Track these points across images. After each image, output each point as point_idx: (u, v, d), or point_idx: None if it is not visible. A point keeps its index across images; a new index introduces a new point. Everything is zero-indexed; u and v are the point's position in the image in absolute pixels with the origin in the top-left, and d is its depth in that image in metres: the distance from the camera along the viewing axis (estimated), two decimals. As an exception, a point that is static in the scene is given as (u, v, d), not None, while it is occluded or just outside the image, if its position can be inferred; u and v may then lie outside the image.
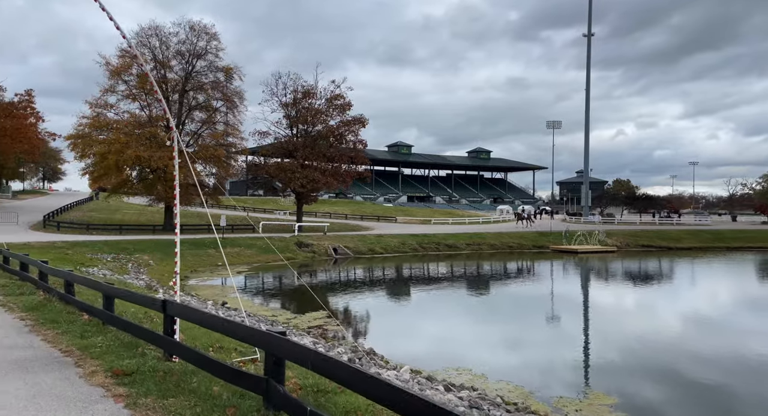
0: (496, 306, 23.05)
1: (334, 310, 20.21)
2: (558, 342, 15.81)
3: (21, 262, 12.50)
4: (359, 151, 45.57)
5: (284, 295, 23.43)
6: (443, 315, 20.35)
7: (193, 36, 40.26)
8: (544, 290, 27.36)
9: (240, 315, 14.09)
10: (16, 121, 43.30)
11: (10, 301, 9.44)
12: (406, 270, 34.41)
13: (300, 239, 38.87)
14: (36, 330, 7.41)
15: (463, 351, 14.58)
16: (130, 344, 6.71)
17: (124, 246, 30.56)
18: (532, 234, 47.55)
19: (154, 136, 38.17)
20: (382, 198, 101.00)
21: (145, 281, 22.72)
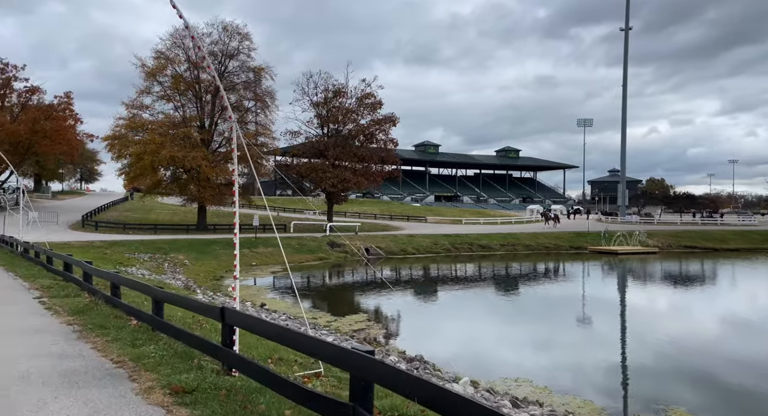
0: (540, 309, 22.02)
1: (372, 312, 19.59)
2: (616, 350, 14.79)
3: (65, 262, 12.26)
4: (390, 151, 44.94)
5: (320, 296, 22.94)
6: (485, 318, 19.49)
7: (226, 36, 40.35)
8: (591, 293, 26.14)
9: (299, 324, 13.52)
10: (56, 122, 44.23)
11: (56, 304, 9.10)
12: (440, 271, 33.58)
13: (332, 239, 38.46)
14: (84, 337, 6.96)
15: (515, 358, 13.74)
16: (184, 354, 6.17)
17: (160, 245, 30.66)
18: (569, 234, 46.01)
19: (188, 137, 38.37)
20: (409, 197, 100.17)
21: (182, 281, 22.56)
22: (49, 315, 8.28)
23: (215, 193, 39.79)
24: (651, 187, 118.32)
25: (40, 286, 11.03)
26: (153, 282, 17.90)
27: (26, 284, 11.47)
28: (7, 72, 43.87)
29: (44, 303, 9.22)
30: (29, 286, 11.19)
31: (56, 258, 13.35)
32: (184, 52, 39.81)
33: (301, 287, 26.17)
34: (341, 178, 41.77)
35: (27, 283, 11.58)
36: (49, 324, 7.64)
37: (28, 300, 9.57)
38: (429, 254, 39.16)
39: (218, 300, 17.45)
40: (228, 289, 23.22)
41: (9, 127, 41.49)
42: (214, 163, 38.97)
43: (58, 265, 13.30)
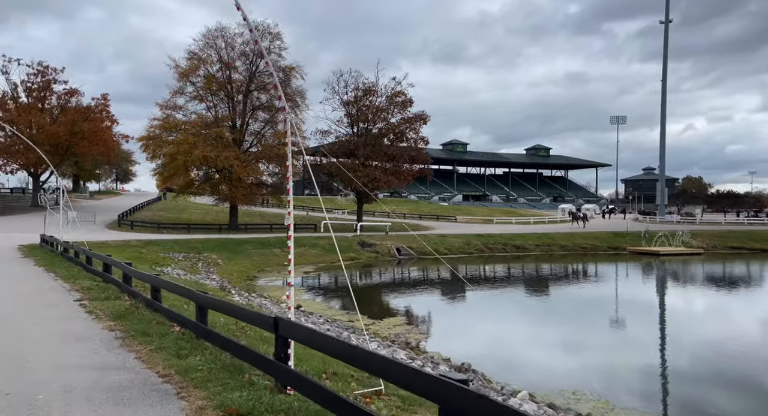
0: (582, 312, 20.96)
1: (409, 314, 18.98)
2: (674, 357, 13.75)
3: (104, 263, 12.07)
4: (420, 149, 44.23)
5: (349, 295, 22.42)
6: (525, 321, 18.63)
7: (257, 36, 40.34)
8: (636, 296, 24.85)
9: (339, 328, 12.98)
10: (93, 124, 45.17)
11: (97, 307, 8.81)
12: (475, 271, 32.70)
13: (362, 239, 38.03)
14: (127, 345, 6.58)
15: (564, 366, 12.91)
16: (232, 367, 5.69)
17: (194, 245, 30.77)
18: (606, 234, 44.38)
19: (220, 137, 38.52)
20: (437, 197, 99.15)
21: (217, 281, 22.41)
22: (90, 320, 7.97)
23: (247, 193, 39.88)
24: (688, 185, 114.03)
25: (81, 288, 10.83)
26: (189, 282, 17.74)
27: (66, 285, 11.32)
28: (47, 75, 45.03)
29: (85, 307, 8.94)
30: (69, 288, 11.01)
31: (95, 259, 13.21)
32: (216, 52, 40.00)
33: (333, 287, 25.77)
34: (371, 177, 41.28)
35: (67, 285, 11.42)
36: (90, 330, 7.31)
37: (69, 303, 9.33)
38: (461, 254, 38.29)
39: (255, 302, 17.14)
40: (258, 287, 22.98)
41: (49, 128, 42.56)
42: (245, 162, 39.05)
43: (98, 266, 13.16)
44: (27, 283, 11.85)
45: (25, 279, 12.67)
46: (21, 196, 51.04)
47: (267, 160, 41.36)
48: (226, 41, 40.05)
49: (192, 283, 17.70)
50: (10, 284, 11.72)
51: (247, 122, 41.62)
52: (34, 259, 16.76)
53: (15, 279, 12.60)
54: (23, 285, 11.44)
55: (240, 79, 40.94)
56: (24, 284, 11.72)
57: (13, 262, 16.35)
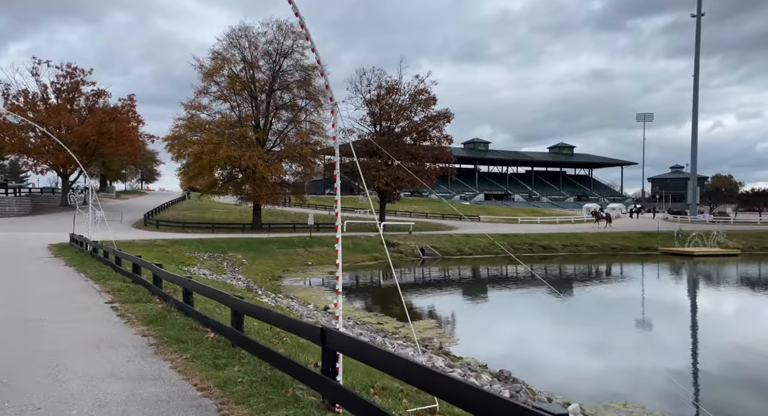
0: (618, 316, 20.06)
1: (438, 316, 18.46)
2: (730, 369, 12.92)
3: (134, 264, 11.88)
4: (444, 148, 43.57)
5: (382, 299, 22.00)
6: (558, 325, 17.89)
7: (281, 35, 40.22)
8: (678, 299, 23.84)
9: (372, 333, 12.50)
10: (120, 124, 45.73)
11: (129, 311, 8.55)
12: (501, 272, 31.95)
13: (386, 238, 37.57)
14: (162, 352, 6.24)
15: (607, 375, 12.24)
16: (273, 380, 5.29)
17: (218, 244, 30.76)
18: (636, 234, 43.06)
19: (244, 136, 38.55)
20: (458, 196, 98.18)
21: (243, 281, 22.24)
22: (122, 324, 7.69)
23: (270, 192, 39.86)
24: (718, 184, 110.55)
25: (111, 289, 10.64)
26: (216, 283, 17.55)
27: (97, 286, 11.14)
28: (76, 76, 45.76)
29: (116, 310, 8.70)
30: (100, 289, 10.83)
31: (125, 259, 13.05)
32: (240, 51, 40.04)
33: (358, 288, 25.39)
34: (394, 176, 40.80)
35: (98, 286, 11.26)
36: (123, 335, 7.01)
37: (100, 306, 9.10)
38: (486, 255, 37.55)
39: (283, 303, 16.84)
40: (284, 287, 22.74)
41: (78, 129, 43.22)
42: (269, 162, 39.00)
43: (127, 266, 13.02)
44: (58, 284, 11.73)
45: (55, 279, 12.58)
46: (51, 196, 52.09)
47: (290, 160, 41.28)
48: (250, 41, 40.06)
49: (219, 284, 17.52)
50: (42, 285, 11.61)
51: (270, 122, 41.59)
52: (64, 259, 16.78)
53: (46, 279, 12.52)
54: (54, 286, 11.31)
55: (263, 78, 40.93)
56: (55, 285, 11.60)
57: (44, 262, 16.38)
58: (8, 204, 41.51)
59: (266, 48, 40.56)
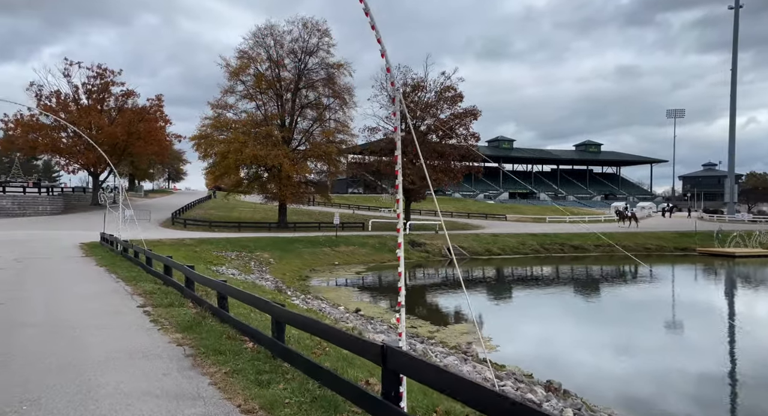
0: (665, 320, 18.97)
1: (473, 320, 17.72)
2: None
3: (165, 265, 11.54)
4: (471, 146, 42.66)
5: (413, 301, 21.37)
6: (600, 329, 17.01)
7: (306, 33, 39.93)
8: (726, 305, 22.54)
9: (423, 343, 11.84)
10: (148, 124, 46.17)
11: (162, 316, 8.14)
12: (532, 272, 30.95)
13: (412, 238, 36.94)
14: (199, 365, 5.76)
15: (660, 384, 11.39)
16: (324, 401, 4.73)
17: (245, 243, 30.61)
18: (672, 234, 41.42)
19: (270, 135, 38.40)
20: (482, 195, 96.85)
21: (271, 281, 21.90)
22: (156, 331, 7.27)
23: (296, 191, 39.65)
24: (753, 182, 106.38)
25: (143, 292, 10.29)
26: (246, 284, 17.21)
27: (128, 288, 10.83)
28: (106, 77, 46.38)
29: (149, 314, 8.30)
30: (132, 291, 10.50)
31: (156, 260, 12.75)
32: (265, 50, 39.90)
33: (387, 289, 24.83)
34: (420, 175, 40.10)
35: (129, 287, 10.94)
36: (157, 344, 6.57)
37: (132, 309, 8.73)
38: (516, 255, 36.56)
39: (313, 305, 16.38)
40: (312, 288, 22.33)
41: (107, 129, 43.78)
42: (294, 161, 38.77)
43: (158, 267, 12.73)
44: (89, 285, 11.47)
45: (87, 280, 12.35)
46: (82, 195, 53.06)
47: (315, 158, 40.98)
48: (275, 39, 39.88)
49: (249, 285, 17.18)
50: (73, 286, 11.36)
51: (295, 120, 41.37)
52: (95, 259, 16.66)
53: (77, 280, 12.30)
54: (85, 288, 11.04)
55: (288, 77, 40.72)
56: (86, 286, 11.34)
57: (76, 261, 16.28)
58: (41, 203, 42.31)
59: (291, 46, 40.33)
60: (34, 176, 77.96)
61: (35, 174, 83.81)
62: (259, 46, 39.97)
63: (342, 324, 11.35)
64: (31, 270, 13.65)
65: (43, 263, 15.53)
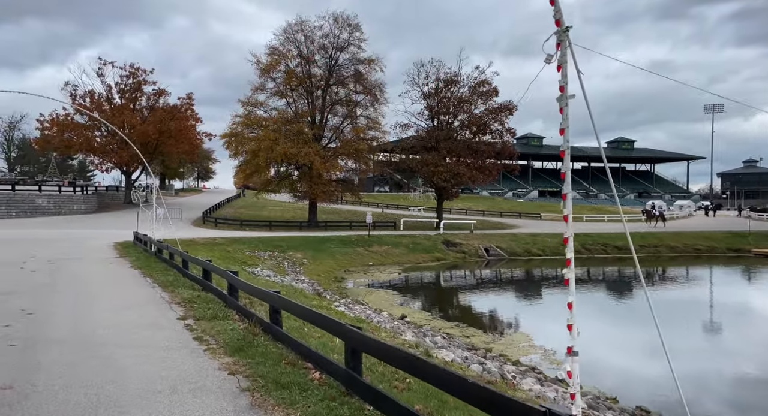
0: (738, 328, 17.12)
1: (530, 328, 16.19)
2: None
3: (204, 269, 10.46)
4: (507, 142, 40.88)
5: (462, 307, 19.96)
6: (685, 339, 15.24)
7: (336, 28, 38.85)
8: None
9: (489, 360, 10.26)
10: (179, 123, 45.90)
11: (206, 331, 6.99)
12: (579, 275, 29.05)
13: (446, 237, 35.49)
14: (260, 404, 4.55)
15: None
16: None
17: (277, 243, 29.73)
18: (722, 234, 38.84)
19: (301, 132, 37.46)
20: (511, 193, 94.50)
21: (307, 283, 20.82)
22: (201, 352, 6.10)
23: (326, 190, 38.65)
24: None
25: (182, 300, 9.21)
26: (286, 288, 16.11)
27: (166, 296, 9.77)
28: (138, 76, 46.28)
29: (191, 329, 7.17)
30: (169, 299, 9.44)
31: (192, 262, 11.71)
32: (296, 46, 38.98)
33: (428, 292, 23.46)
34: (454, 172, 38.58)
35: (167, 294, 9.89)
36: (205, 372, 5.39)
37: (172, 322, 7.62)
38: (556, 256, 34.66)
39: (356, 311, 15.14)
40: (349, 291, 21.16)
41: (139, 128, 43.63)
42: (325, 158, 37.76)
43: (194, 269, 11.71)
44: (123, 291, 10.49)
45: (121, 284, 11.39)
46: (115, 194, 53.31)
47: (346, 156, 39.88)
48: (306, 35, 38.91)
49: (290, 290, 16.07)
50: (106, 292, 10.39)
51: (325, 117, 40.36)
52: (129, 260, 15.82)
53: (111, 285, 11.34)
54: (119, 294, 10.04)
55: (319, 73, 39.72)
56: (120, 292, 10.35)
57: (110, 263, 15.44)
58: (76, 201, 42.42)
59: (322, 42, 39.30)
60: (69, 175, 79.33)
61: (70, 173, 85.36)
62: (290, 42, 39.08)
63: (399, 339, 10.05)
64: (64, 273, 12.81)
65: (77, 265, 14.73)
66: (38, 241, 22.70)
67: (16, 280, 11.63)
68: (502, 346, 13.43)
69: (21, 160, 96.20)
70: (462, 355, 9.89)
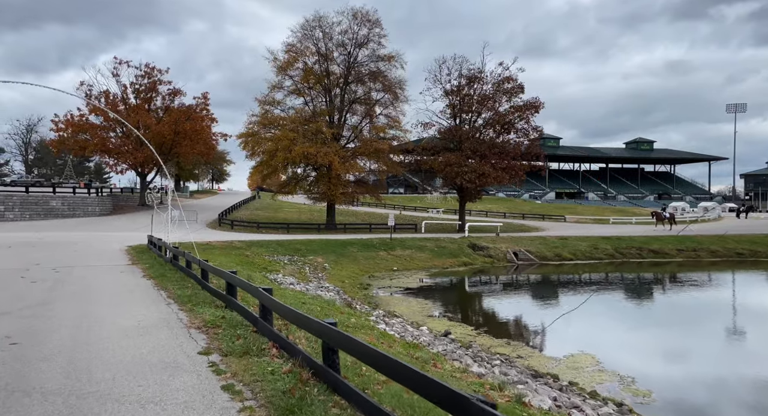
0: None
1: (592, 348, 14.22)
2: None
3: (227, 283, 8.72)
4: (534, 141, 38.84)
5: (499, 316, 18.03)
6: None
7: (355, 24, 37.22)
8: None
9: (561, 390, 8.29)
10: (195, 123, 44.57)
11: (238, 375, 5.21)
12: (623, 281, 26.82)
13: (472, 241, 33.54)
14: None
15: None
16: None
17: (296, 246, 28.03)
18: (766, 238, 36.40)
19: (320, 132, 35.83)
20: (527, 194, 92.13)
21: (333, 291, 19.03)
22: (235, 414, 4.31)
23: (346, 191, 36.97)
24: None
25: (203, 324, 7.46)
26: (313, 300, 14.34)
27: (184, 317, 8.02)
28: (153, 76, 45.04)
29: (218, 371, 5.39)
30: (188, 322, 7.69)
31: (214, 274, 9.97)
32: (314, 43, 37.39)
33: (463, 301, 21.56)
34: (480, 173, 36.62)
35: (184, 315, 8.15)
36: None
37: (194, 360, 5.85)
38: (589, 260, 32.58)
39: (394, 325, 13.30)
40: (380, 300, 19.35)
41: (155, 128, 42.34)
42: (344, 158, 36.09)
43: (214, 279, 9.98)
44: (133, 309, 8.76)
45: (131, 300, 9.68)
46: (130, 196, 52.16)
47: (366, 156, 38.15)
48: (324, 31, 37.33)
49: (321, 304, 14.28)
50: (113, 311, 8.66)
51: (344, 116, 38.69)
52: (141, 268, 14.18)
53: (119, 301, 9.64)
54: (128, 314, 8.31)
55: (338, 71, 38.09)
56: (129, 311, 8.62)
57: (120, 271, 13.80)
58: (90, 203, 41.21)
59: (340, 38, 37.71)
60: (85, 177, 78.69)
61: (86, 175, 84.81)
62: (308, 39, 37.52)
63: (471, 376, 8.16)
64: (68, 285, 11.15)
65: (83, 274, 13.11)
66: (48, 245, 21.24)
67: (12, 294, 10.00)
68: (567, 371, 11.50)
69: (38, 162, 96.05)
70: (551, 395, 7.97)
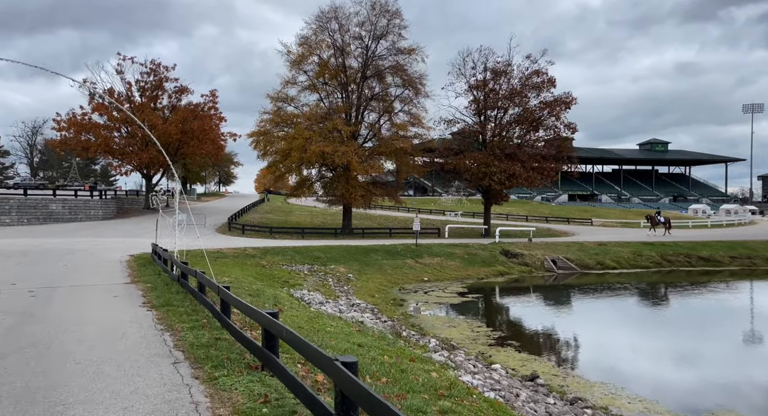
0: None
1: (664, 384, 11.15)
2: None
3: (265, 330, 5.66)
4: (567, 139, 35.79)
5: (576, 344, 14.88)
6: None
7: (374, 15, 34.21)
8: None
9: None
10: (202, 122, 41.76)
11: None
12: (685, 294, 23.53)
13: (504, 247, 30.48)
14: None
15: None
16: None
17: (315, 254, 25.06)
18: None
19: (337, 130, 32.87)
20: (539, 197, 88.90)
21: (370, 312, 15.95)
22: None
23: (365, 193, 33.94)
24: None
25: (235, 411, 4.41)
26: (375, 343, 11.25)
27: (203, 400, 4.88)
28: (159, 73, 42.26)
29: None
30: (209, 403, 4.63)
31: (239, 309, 6.88)
32: (329, 35, 34.46)
33: (521, 322, 18.48)
34: (509, 173, 33.58)
35: (203, 387, 5.06)
36: None
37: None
38: (634, 269, 29.48)
39: (460, 362, 10.22)
40: (420, 320, 16.32)
41: (161, 127, 39.51)
42: (362, 158, 33.11)
43: (242, 314, 6.93)
44: (121, 382, 5.68)
45: (120, 360, 6.60)
46: (135, 199, 49.29)
47: (386, 156, 35.14)
48: (340, 23, 34.37)
49: (368, 339, 11.25)
50: (90, 386, 5.59)
51: (362, 114, 35.71)
52: (142, 289, 11.18)
53: (103, 359, 6.55)
54: (114, 392, 5.23)
55: (355, 65, 35.15)
56: (116, 384, 5.55)
57: (114, 295, 10.77)
58: (93, 207, 38.34)
59: (357, 31, 34.75)
60: (90, 180, 76.01)
61: (92, 178, 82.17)
62: (323, 31, 34.56)
63: None
64: (35, 325, 7.96)
65: (65, 300, 10.11)
66: (38, 255, 18.28)
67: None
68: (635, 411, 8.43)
69: (44, 165, 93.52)
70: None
